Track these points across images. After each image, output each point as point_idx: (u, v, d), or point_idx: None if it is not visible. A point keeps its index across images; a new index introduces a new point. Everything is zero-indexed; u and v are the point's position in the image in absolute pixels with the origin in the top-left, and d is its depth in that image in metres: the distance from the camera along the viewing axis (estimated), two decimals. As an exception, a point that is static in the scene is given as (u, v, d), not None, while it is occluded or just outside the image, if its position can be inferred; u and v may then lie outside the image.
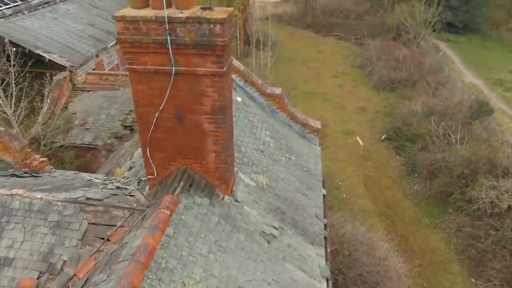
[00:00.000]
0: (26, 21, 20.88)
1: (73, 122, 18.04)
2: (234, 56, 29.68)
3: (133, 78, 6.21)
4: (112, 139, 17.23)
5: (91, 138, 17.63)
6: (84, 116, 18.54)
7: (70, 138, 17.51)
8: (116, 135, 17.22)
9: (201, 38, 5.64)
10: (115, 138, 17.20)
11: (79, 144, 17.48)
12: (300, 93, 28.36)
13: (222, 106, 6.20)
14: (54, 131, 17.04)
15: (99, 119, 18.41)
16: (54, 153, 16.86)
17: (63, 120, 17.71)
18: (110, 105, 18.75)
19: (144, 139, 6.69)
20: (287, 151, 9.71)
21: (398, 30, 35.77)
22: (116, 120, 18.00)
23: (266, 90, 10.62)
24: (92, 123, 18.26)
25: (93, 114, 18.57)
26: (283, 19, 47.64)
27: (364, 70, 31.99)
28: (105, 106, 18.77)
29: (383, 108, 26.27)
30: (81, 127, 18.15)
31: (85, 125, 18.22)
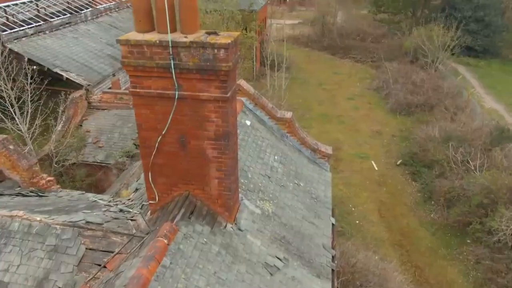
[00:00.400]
0: (47, 40, 21.42)
1: (87, 140, 18.20)
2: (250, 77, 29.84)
3: (136, 102, 6.11)
4: (124, 158, 17.24)
5: (103, 157, 17.70)
6: (98, 134, 18.70)
7: (83, 156, 17.64)
8: (128, 154, 17.22)
9: (205, 63, 5.52)
10: (127, 157, 17.20)
11: (91, 162, 17.57)
12: (315, 115, 28.16)
13: (225, 132, 6.03)
14: (67, 149, 17.20)
15: (112, 137, 18.53)
16: (66, 171, 16.95)
17: (77, 138, 17.89)
18: (124, 123, 18.88)
19: (146, 164, 6.55)
20: (295, 177, 9.43)
21: (415, 53, 35.49)
22: (129, 139, 18.07)
23: (276, 114, 10.44)
24: (105, 141, 18.38)
25: (107, 132, 18.72)
26: (300, 41, 47.96)
27: (380, 93, 31.67)
28: (119, 124, 18.91)
29: (399, 132, 25.77)
30: (94, 145, 18.28)
31: (98, 143, 18.35)
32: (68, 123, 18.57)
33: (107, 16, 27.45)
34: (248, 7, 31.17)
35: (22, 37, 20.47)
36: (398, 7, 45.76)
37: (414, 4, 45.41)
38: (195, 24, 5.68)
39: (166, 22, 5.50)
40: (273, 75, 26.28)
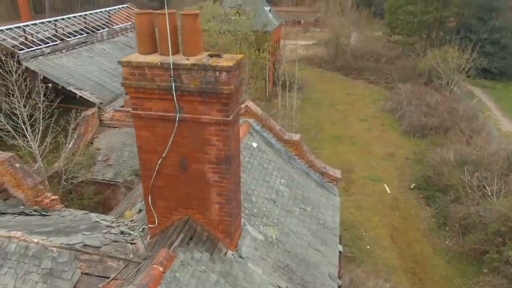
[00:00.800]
0: (63, 59, 21.86)
1: (97, 158, 18.27)
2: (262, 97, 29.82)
3: (137, 124, 6.02)
4: (132, 176, 17.20)
5: (112, 175, 17.70)
6: (108, 152, 18.77)
7: (92, 173, 17.67)
8: (137, 172, 17.14)
9: (206, 86, 5.41)
10: (135, 175, 17.13)
11: (100, 180, 17.57)
12: (327, 136, 27.88)
13: (227, 156, 5.86)
14: (77, 166, 17.26)
15: (122, 155, 18.57)
16: (75, 188, 16.96)
17: (87, 155, 17.97)
18: (134, 142, 18.82)
19: (146, 186, 6.40)
20: (302, 201, 9.17)
21: (430, 75, 35.15)
22: (139, 157, 18.07)
23: (284, 136, 10.26)
24: (114, 159, 18.42)
25: (117, 150, 18.78)
26: (314, 61, 48.11)
27: (394, 114, 31.28)
28: (129, 143, 18.97)
29: (413, 154, 25.26)
30: (104, 163, 18.32)
31: (108, 161, 18.40)
32: (79, 140, 18.72)
33: (123, 36, 28.00)
34: (261, 28, 31.45)
35: (39, 55, 20.93)
36: (412, 29, 45.65)
37: (429, 26, 45.27)
38: (198, 46, 5.60)
39: (167, 44, 5.43)
40: (285, 95, 26.24)
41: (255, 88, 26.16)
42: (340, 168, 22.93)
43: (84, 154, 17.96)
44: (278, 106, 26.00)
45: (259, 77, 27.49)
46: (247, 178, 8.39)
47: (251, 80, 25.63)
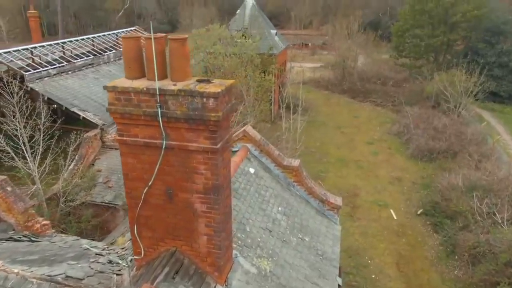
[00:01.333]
0: (69, 80, 22.03)
1: (97, 180, 18.08)
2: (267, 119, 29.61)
3: (123, 150, 5.79)
4: (132, 199, 16.85)
5: (111, 197, 17.47)
6: (109, 174, 18.60)
7: (92, 195, 17.46)
8: (137, 195, 16.81)
9: (193, 112, 5.18)
10: (135, 198, 16.77)
11: (99, 203, 17.34)
12: (332, 159, 27.49)
13: (215, 185, 5.57)
14: (77, 188, 17.09)
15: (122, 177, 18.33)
16: (74, 211, 16.73)
17: (88, 177, 17.80)
18: (135, 164, 18.73)
19: (132, 216, 6.12)
20: (300, 230, 8.78)
21: (437, 98, 34.84)
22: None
23: (283, 162, 9.96)
24: (115, 181, 18.22)
25: (118, 172, 18.58)
26: (320, 84, 48.13)
27: (401, 138, 30.85)
28: (130, 164, 18.77)
29: (420, 179, 24.70)
30: (104, 185, 18.13)
31: (108, 183, 18.20)
32: (80, 162, 18.60)
33: (130, 58, 28.22)
34: (267, 51, 31.59)
35: (45, 77, 21.12)
36: (419, 52, 45.67)
37: (436, 50, 45.24)
38: (186, 72, 5.40)
39: (154, 69, 5.25)
40: (289, 118, 25.99)
41: (260, 111, 26.01)
42: (345, 192, 22.55)
43: (85, 176, 17.83)
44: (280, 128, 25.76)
45: (264, 100, 27.39)
46: (242, 206, 8.07)
47: (255, 103, 25.53)
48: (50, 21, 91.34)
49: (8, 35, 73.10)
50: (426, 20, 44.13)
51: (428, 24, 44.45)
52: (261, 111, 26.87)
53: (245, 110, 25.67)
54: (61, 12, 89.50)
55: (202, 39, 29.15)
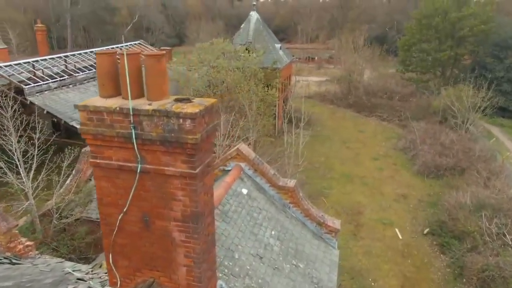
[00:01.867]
0: (69, 94, 21.90)
1: (94, 195, 17.71)
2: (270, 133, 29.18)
3: (96, 174, 5.38)
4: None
5: (108, 213, 17.05)
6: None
7: (88, 211, 17.08)
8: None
9: (169, 134, 4.76)
10: (131, 215, 16.36)
11: (95, 219, 16.91)
12: (337, 175, 26.90)
13: (194, 213, 5.13)
14: (72, 203, 16.75)
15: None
16: (68, 227, 16.34)
17: (84, 192, 17.47)
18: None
19: (107, 243, 5.68)
20: (295, 256, 8.27)
21: (444, 113, 34.21)
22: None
23: (278, 182, 9.49)
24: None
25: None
26: (326, 98, 47.81)
27: (407, 153, 30.20)
28: (128, 180, 18.41)
29: (426, 197, 23.99)
30: (100, 201, 17.72)
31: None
32: (77, 176, 18.27)
33: (133, 71, 28.13)
34: (271, 65, 31.36)
35: (45, 90, 21.01)
36: (426, 66, 45.25)
37: (443, 64, 44.77)
38: (162, 90, 5.01)
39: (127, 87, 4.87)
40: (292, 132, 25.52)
41: (262, 125, 25.63)
42: (349, 209, 21.92)
43: (81, 191, 17.50)
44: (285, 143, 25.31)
45: (267, 114, 27.02)
46: (232, 231, 7.60)
47: (258, 117, 25.17)
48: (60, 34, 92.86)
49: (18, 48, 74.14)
50: (433, 35, 43.79)
51: (435, 38, 44.09)
52: (263, 125, 26.49)
53: (248, 125, 25.33)
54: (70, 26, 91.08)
55: (206, 53, 29.02)
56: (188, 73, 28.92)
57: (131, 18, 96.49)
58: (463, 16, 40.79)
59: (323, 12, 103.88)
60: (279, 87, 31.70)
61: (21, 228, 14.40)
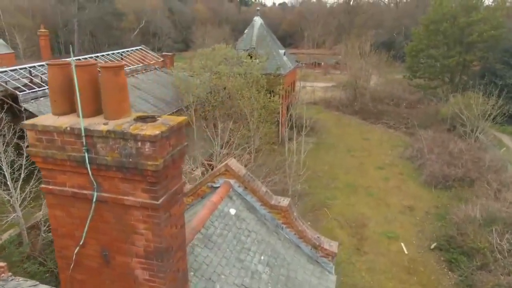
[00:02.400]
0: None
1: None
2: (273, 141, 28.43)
3: (49, 201, 4.71)
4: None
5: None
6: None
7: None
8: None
9: (127, 159, 4.09)
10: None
11: (87, 231, 16.32)
12: (341, 185, 26.07)
13: (158, 249, 4.44)
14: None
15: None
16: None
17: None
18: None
19: (64, 278, 5.01)
20: (285, 284, 7.52)
21: (453, 121, 33.23)
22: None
23: (270, 200, 8.76)
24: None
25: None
26: (332, 104, 47.01)
27: (414, 162, 29.27)
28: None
29: (434, 209, 23.06)
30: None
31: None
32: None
33: (133, 78, 27.69)
34: (274, 71, 30.71)
35: (41, 97, 20.53)
36: (434, 73, 44.32)
37: (452, 70, 43.81)
38: (122, 108, 4.34)
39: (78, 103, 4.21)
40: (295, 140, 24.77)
41: (264, 133, 24.93)
42: (352, 222, 21.07)
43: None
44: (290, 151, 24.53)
45: (268, 121, 26.31)
46: (214, 258, 6.88)
47: (260, 125, 24.49)
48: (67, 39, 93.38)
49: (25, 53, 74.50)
50: (441, 40, 42.91)
51: (443, 44, 43.21)
52: (265, 134, 25.79)
53: (248, 133, 24.66)
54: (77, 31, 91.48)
55: (208, 59, 28.46)
56: (189, 79, 28.36)
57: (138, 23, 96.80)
58: (473, 21, 39.87)
59: (330, 18, 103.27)
60: (282, 93, 31.01)
61: (5, 242, 13.84)
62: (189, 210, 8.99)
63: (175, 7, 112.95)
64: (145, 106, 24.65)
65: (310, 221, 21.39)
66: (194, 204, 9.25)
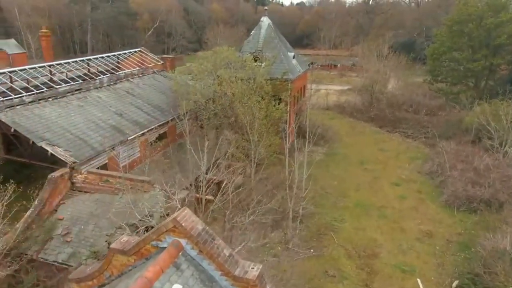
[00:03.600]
0: (46, 109, 19.50)
1: (55, 231, 15.16)
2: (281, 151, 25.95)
3: None
4: (90, 259, 13.75)
5: (66, 255, 14.41)
6: (71, 224, 15.60)
7: (45, 251, 14.53)
8: (96, 255, 13.78)
9: None
10: (94, 258, 13.70)
11: (52, 262, 14.31)
12: (350, 204, 23.51)
13: None
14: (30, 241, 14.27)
15: (86, 229, 15.32)
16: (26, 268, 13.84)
17: (45, 228, 14.99)
18: (103, 213, 15.71)
19: None
20: None
21: (478, 132, 30.14)
22: (103, 234, 14.75)
23: (234, 269, 6.42)
24: (75, 234, 15.18)
25: (82, 222, 15.60)
26: (345, 110, 44.24)
27: (434, 179, 26.41)
28: (97, 213, 15.79)
29: (456, 236, 20.29)
30: (62, 238, 15.12)
31: (67, 236, 15.17)
32: (41, 207, 15.75)
33: (127, 82, 25.72)
34: (281, 76, 28.28)
35: (17, 105, 18.68)
36: (458, 77, 41.10)
37: (477, 75, 40.51)
38: None
39: None
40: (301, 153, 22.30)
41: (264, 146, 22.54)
42: (362, 250, 18.43)
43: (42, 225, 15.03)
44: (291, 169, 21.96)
45: (271, 133, 23.88)
46: None
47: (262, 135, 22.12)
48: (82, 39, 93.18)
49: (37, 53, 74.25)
50: (466, 43, 39.69)
51: (467, 46, 39.98)
52: (266, 146, 23.33)
53: (249, 145, 22.37)
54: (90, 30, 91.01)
55: (208, 62, 26.26)
56: (188, 83, 26.22)
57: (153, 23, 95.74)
58: (501, 22, 36.59)
59: (348, 18, 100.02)
60: (289, 100, 28.55)
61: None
62: (126, 278, 6.75)
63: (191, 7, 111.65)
64: (136, 114, 22.58)
65: (314, 248, 18.99)
66: (136, 266, 7.00)
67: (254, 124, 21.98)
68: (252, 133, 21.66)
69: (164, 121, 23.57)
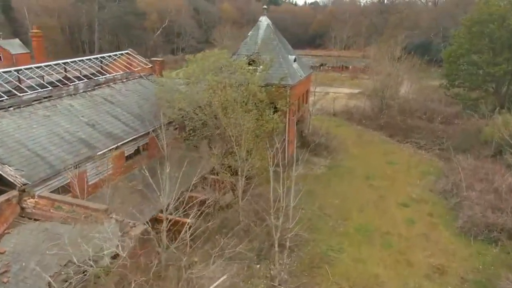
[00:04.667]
0: (4, 120, 17.29)
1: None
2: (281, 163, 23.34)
3: None
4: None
5: (-1, 302, 12.13)
6: (11, 260, 13.26)
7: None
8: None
9: None
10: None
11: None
12: (351, 229, 20.77)
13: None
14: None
15: (26, 268, 12.96)
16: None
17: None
18: (51, 247, 13.36)
19: None
20: None
21: (499, 146, 26.99)
22: (46, 274, 12.38)
23: None
24: (14, 273, 12.85)
25: (24, 257, 13.27)
26: (354, 116, 41.31)
27: (448, 199, 23.43)
28: (43, 247, 13.42)
29: (472, 272, 17.37)
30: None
31: (4, 275, 12.86)
32: (-18, 237, 13.53)
33: (107, 88, 23.42)
34: (278, 81, 25.65)
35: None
36: (476, 81, 37.79)
37: (498, 79, 37.13)
38: None
39: None
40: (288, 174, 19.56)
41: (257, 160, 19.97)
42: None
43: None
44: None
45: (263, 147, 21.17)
46: None
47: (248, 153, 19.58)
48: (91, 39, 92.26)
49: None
50: (486, 44, 36.36)
51: (488, 49, 36.63)
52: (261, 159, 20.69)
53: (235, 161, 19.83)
54: (97, 30, 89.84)
55: (198, 66, 23.79)
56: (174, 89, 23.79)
57: (161, 23, 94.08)
58: (526, 22, 33.25)
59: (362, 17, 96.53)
60: (287, 108, 25.87)
61: None
62: None
63: (201, 6, 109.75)
64: (112, 125, 20.26)
65: (304, 285, 16.31)
66: None
67: (241, 137, 19.42)
68: (238, 147, 19.11)
69: (144, 132, 21.18)
